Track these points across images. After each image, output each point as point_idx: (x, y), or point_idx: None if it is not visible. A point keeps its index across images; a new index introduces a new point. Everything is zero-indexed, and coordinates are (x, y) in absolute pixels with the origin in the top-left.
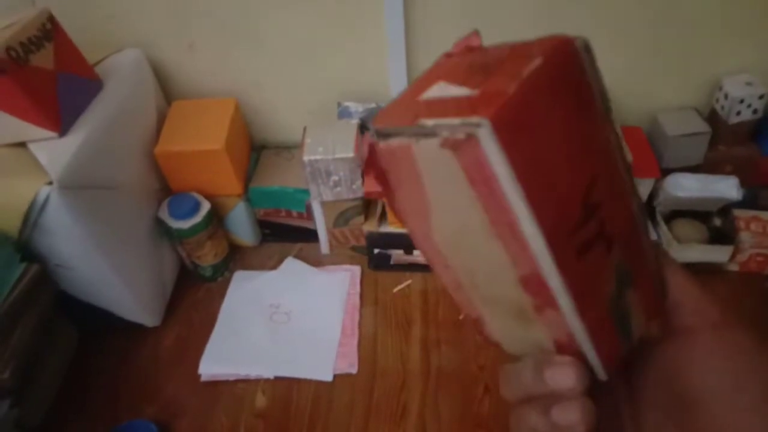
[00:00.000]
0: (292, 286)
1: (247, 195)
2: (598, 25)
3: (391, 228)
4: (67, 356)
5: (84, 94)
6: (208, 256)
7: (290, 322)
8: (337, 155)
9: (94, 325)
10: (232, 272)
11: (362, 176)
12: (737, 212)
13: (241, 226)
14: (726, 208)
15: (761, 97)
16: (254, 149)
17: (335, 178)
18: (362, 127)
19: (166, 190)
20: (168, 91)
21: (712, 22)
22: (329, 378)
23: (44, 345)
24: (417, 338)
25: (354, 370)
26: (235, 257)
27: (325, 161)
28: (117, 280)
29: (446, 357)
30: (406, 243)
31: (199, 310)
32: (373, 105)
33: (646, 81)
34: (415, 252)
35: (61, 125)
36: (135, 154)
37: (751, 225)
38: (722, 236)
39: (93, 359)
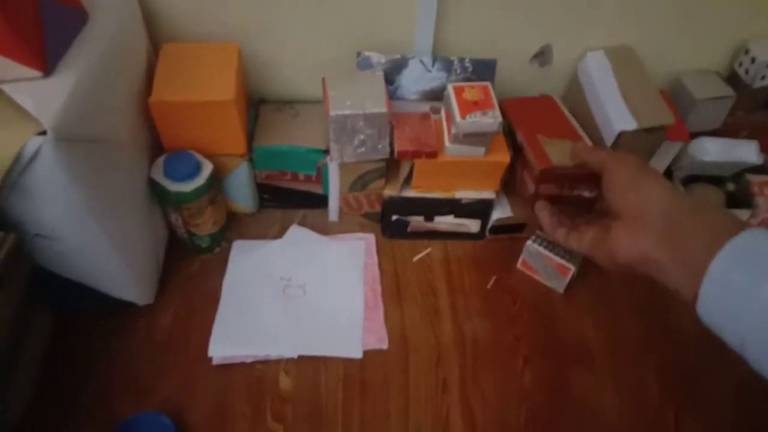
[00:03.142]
0: (302, 256)
1: (250, 155)
2: None
3: (413, 192)
4: (43, 344)
5: (69, 26)
6: (207, 224)
7: (306, 296)
8: (368, 110)
9: (74, 306)
10: (230, 242)
11: (391, 134)
12: (751, 177)
13: (241, 190)
14: (739, 174)
15: None
16: (251, 104)
17: (361, 136)
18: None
19: (157, 147)
20: (154, 32)
21: None
22: (359, 355)
23: (20, 331)
24: (446, 309)
25: (384, 346)
26: (232, 226)
27: (355, 117)
28: (111, 251)
29: (480, 328)
30: (429, 208)
31: (197, 285)
32: (398, 56)
33: (671, 43)
34: (437, 218)
35: (47, 63)
36: (126, 104)
37: (765, 190)
38: (737, 201)
39: (77, 347)
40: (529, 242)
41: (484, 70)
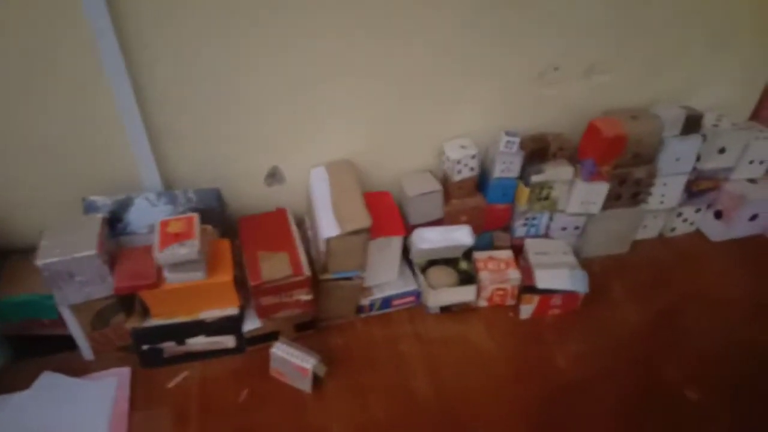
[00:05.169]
0: (51, 403)
1: None
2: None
3: (157, 320)
4: None
5: None
6: None
7: None
8: (78, 254)
9: None
10: None
11: (111, 272)
12: (477, 254)
13: None
14: (469, 252)
15: (473, 156)
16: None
17: (80, 278)
18: (111, 221)
19: None
20: None
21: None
22: None
23: None
24: None
25: None
26: None
27: (64, 262)
28: None
29: None
30: (177, 333)
31: None
32: (123, 196)
33: (392, 150)
34: (189, 341)
35: None
36: None
37: (489, 264)
38: (470, 278)
39: None
40: (273, 349)
41: (209, 197)
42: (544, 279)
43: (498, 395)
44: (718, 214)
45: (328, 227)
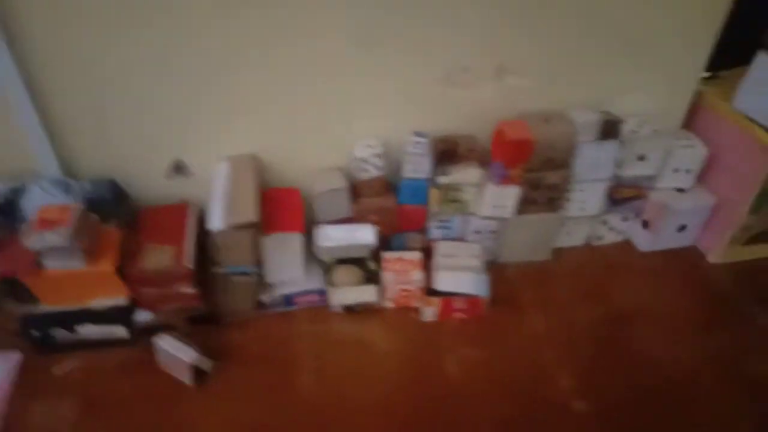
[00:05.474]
0: None
1: None
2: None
3: (45, 307)
4: None
5: None
6: None
7: None
8: None
9: None
10: None
11: None
12: (387, 255)
13: None
14: (377, 252)
15: (378, 155)
16: None
17: None
18: (5, 207)
19: None
20: None
21: (346, 95)
22: None
23: None
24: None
25: None
26: None
27: None
28: None
29: None
30: (65, 320)
31: None
32: (18, 184)
33: (303, 148)
34: (79, 329)
35: None
36: None
37: (395, 265)
38: (375, 278)
39: None
40: (158, 340)
41: (104, 188)
42: (444, 281)
43: (379, 402)
44: (646, 224)
45: (215, 220)
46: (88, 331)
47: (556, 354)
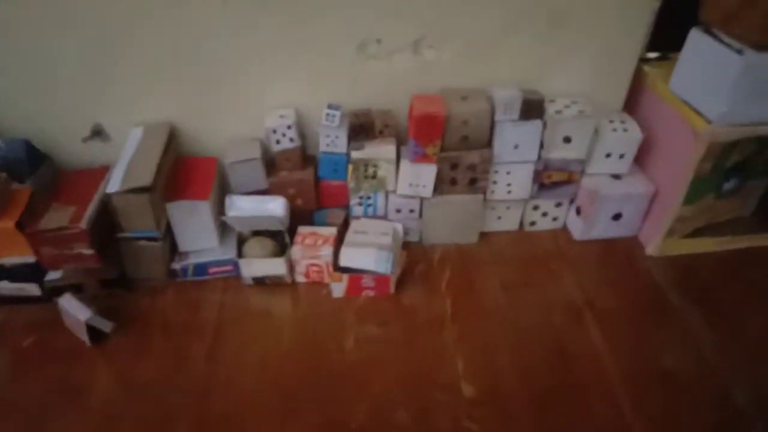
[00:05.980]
0: None
1: None
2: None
3: None
4: None
5: None
6: None
7: None
8: None
9: None
10: None
11: None
12: (300, 229)
13: None
14: (296, 227)
15: (289, 126)
16: None
17: None
18: None
19: None
20: None
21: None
22: None
23: None
24: None
25: None
26: None
27: None
28: None
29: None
30: None
31: None
32: None
33: (221, 116)
34: None
35: None
36: None
37: (306, 239)
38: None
39: None
40: (59, 299)
41: (18, 148)
42: (347, 257)
43: (267, 372)
44: (578, 211)
45: (113, 184)
46: (4, 286)
47: (454, 338)
